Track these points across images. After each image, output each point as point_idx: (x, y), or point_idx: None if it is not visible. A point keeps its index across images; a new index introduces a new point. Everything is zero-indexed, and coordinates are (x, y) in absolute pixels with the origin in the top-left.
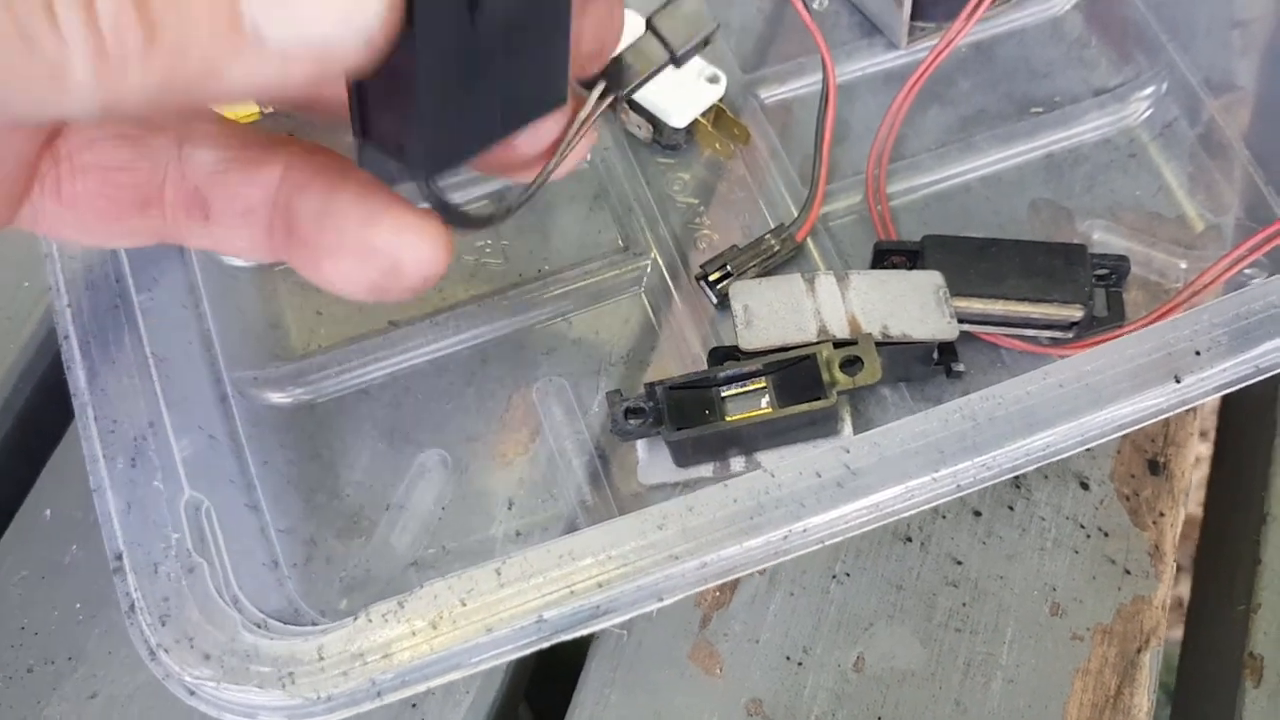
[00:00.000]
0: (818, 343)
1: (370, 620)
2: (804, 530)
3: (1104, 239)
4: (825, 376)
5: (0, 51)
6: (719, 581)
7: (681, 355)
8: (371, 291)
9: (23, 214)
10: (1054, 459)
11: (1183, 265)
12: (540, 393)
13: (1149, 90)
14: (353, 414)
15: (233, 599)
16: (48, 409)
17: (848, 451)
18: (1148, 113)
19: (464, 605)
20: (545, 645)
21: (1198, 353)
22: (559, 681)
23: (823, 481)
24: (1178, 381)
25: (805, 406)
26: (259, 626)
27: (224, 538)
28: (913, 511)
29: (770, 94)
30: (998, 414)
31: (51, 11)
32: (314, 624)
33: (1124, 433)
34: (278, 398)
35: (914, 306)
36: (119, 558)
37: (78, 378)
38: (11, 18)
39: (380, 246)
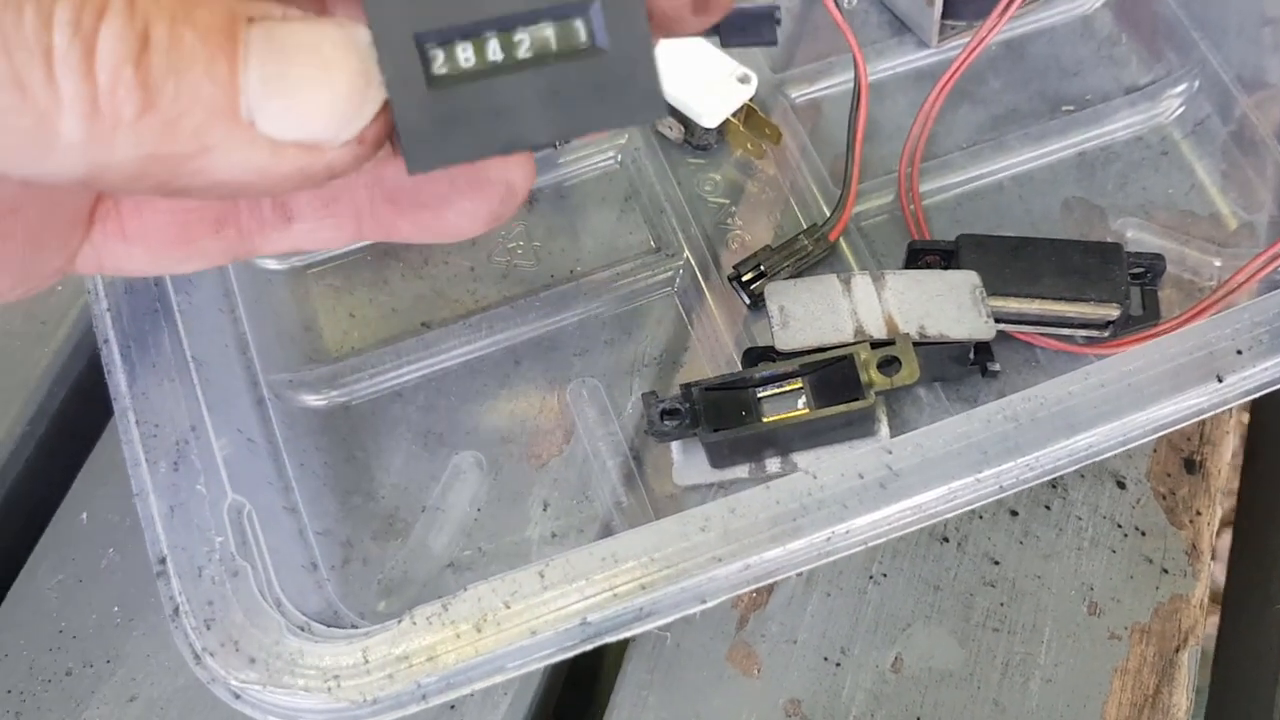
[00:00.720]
0: (854, 343)
1: (414, 623)
2: (846, 532)
3: (1137, 237)
4: (863, 377)
5: None
6: (761, 584)
7: (714, 356)
8: (492, 222)
9: (83, 258)
10: (1095, 459)
11: (1217, 263)
12: (573, 394)
13: (1181, 88)
14: (387, 416)
15: (275, 602)
16: (83, 412)
17: (890, 452)
18: (1180, 110)
19: (508, 608)
20: (588, 648)
21: (1239, 351)
22: (579, 687)
23: (865, 483)
24: (1220, 381)
25: (843, 407)
26: (302, 630)
27: (265, 541)
28: (955, 513)
29: (800, 93)
30: (1040, 414)
31: (50, 59)
32: (354, 626)
33: (1166, 432)
34: (313, 400)
35: (950, 306)
36: (163, 561)
37: (119, 381)
38: (8, 62)
39: (493, 176)
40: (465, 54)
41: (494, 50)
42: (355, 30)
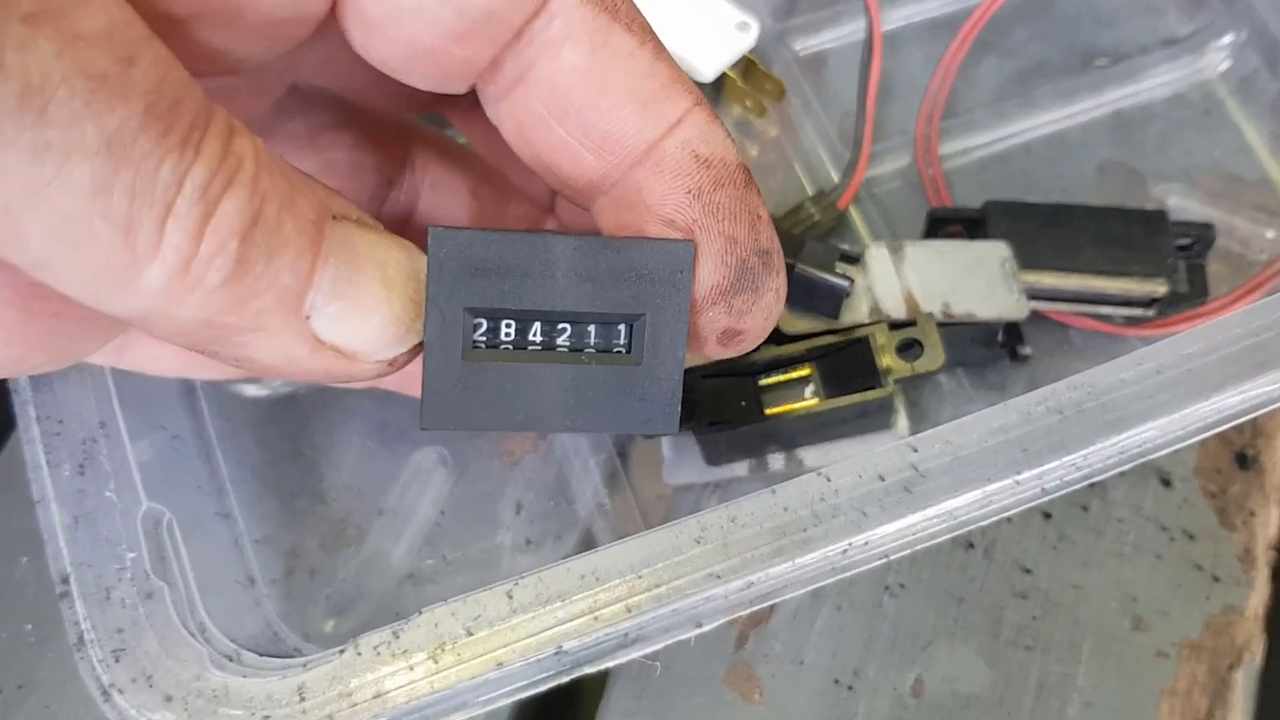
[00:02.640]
0: (870, 324)
1: (360, 653)
2: (865, 543)
3: (1180, 205)
4: (880, 362)
5: (97, 226)
6: (766, 604)
7: None
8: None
9: (106, 350)
10: (1150, 457)
11: (1269, 234)
12: None
13: (1226, 39)
14: (339, 407)
15: (199, 627)
16: None
17: (915, 450)
18: (1224, 64)
19: (470, 635)
20: (565, 680)
21: None
22: (553, 714)
23: (887, 486)
24: None
25: (858, 397)
26: (230, 660)
27: (189, 554)
28: (991, 520)
29: (805, 45)
30: (1087, 405)
31: (167, 214)
32: (297, 650)
33: (1231, 425)
34: (253, 390)
35: (978, 282)
36: (65, 581)
37: None
38: (128, 205)
39: None
40: (507, 331)
41: (535, 333)
42: (417, 259)
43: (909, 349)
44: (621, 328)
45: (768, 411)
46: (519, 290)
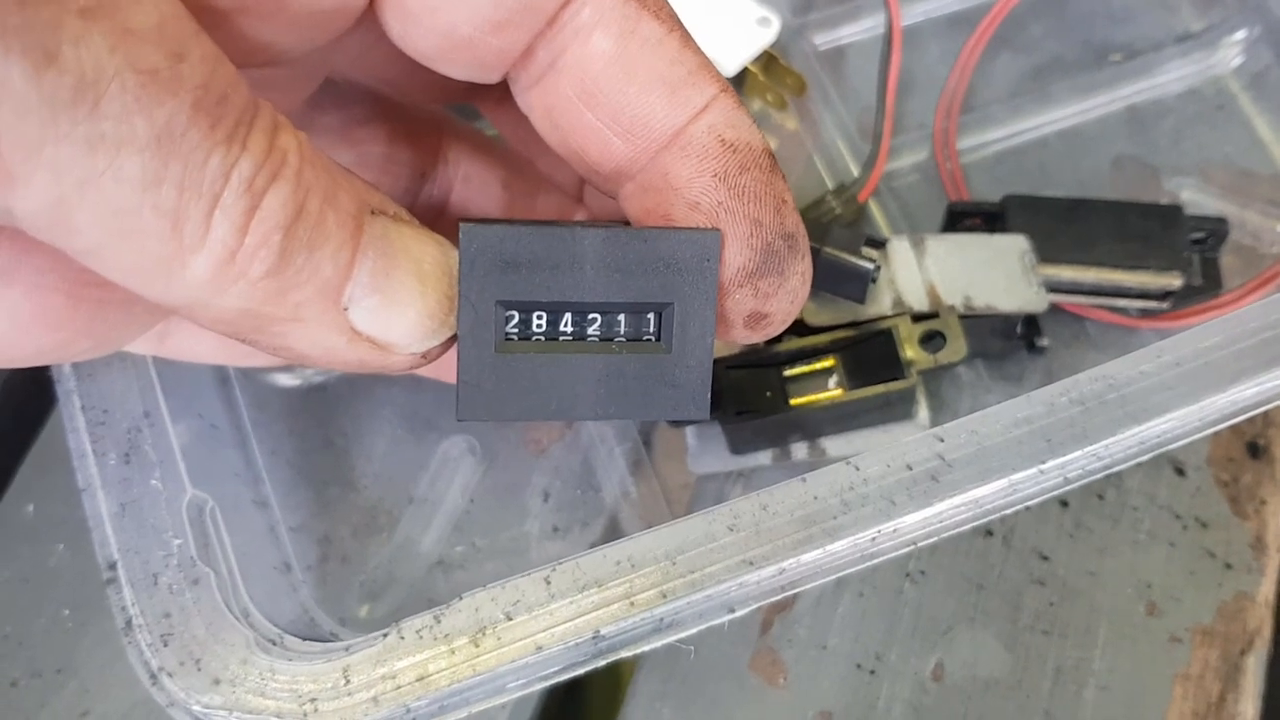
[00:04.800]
0: (893, 316)
1: (403, 637)
2: (894, 530)
3: (1193, 199)
4: (903, 354)
5: (147, 217)
6: (797, 590)
7: None
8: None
9: (146, 338)
10: (1169, 447)
11: None
12: None
13: (1239, 35)
14: (369, 397)
15: (243, 612)
16: (27, 394)
17: (941, 440)
18: (1237, 60)
19: (509, 619)
20: (600, 664)
21: None
22: (579, 696)
23: (914, 475)
24: None
25: (881, 388)
26: (274, 643)
27: (231, 541)
28: (1015, 509)
29: (825, 39)
30: (1109, 397)
31: (214, 206)
32: (333, 635)
33: (1249, 416)
34: (286, 379)
35: (998, 275)
36: (113, 567)
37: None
38: (177, 197)
39: None
40: (539, 323)
41: (565, 324)
42: (451, 254)
43: (931, 340)
44: (651, 316)
45: (793, 402)
46: (549, 282)
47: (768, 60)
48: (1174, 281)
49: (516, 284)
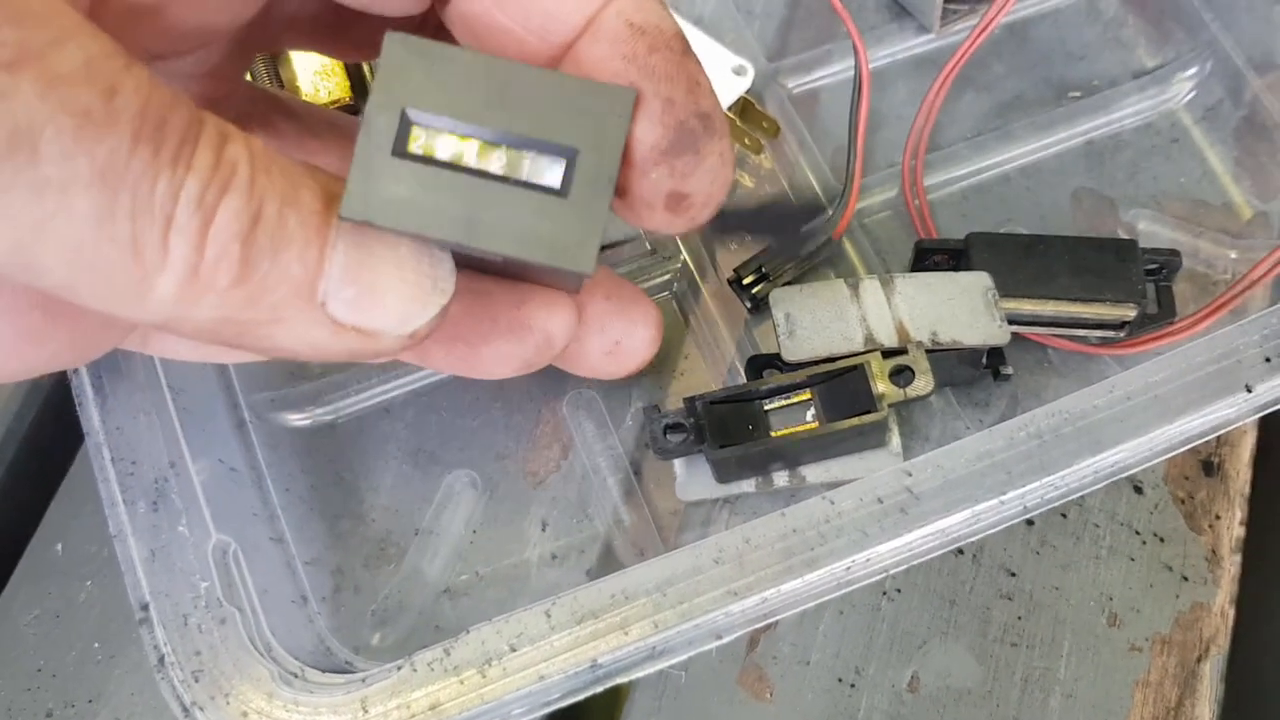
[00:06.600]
0: (865, 352)
1: (415, 669)
2: (867, 560)
3: (1149, 229)
4: (875, 389)
5: (106, 249)
6: (779, 616)
7: (715, 361)
8: (523, 368)
9: (131, 339)
10: (1120, 475)
11: (1232, 255)
12: (570, 406)
13: (1191, 71)
14: (375, 434)
15: (266, 647)
16: (54, 436)
17: (909, 474)
18: (1190, 95)
19: (514, 651)
20: (598, 689)
21: (1268, 359)
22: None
23: (885, 508)
24: (1249, 391)
25: (856, 420)
26: (295, 676)
27: (252, 579)
28: (979, 536)
29: (797, 83)
30: (1064, 430)
31: (169, 227)
32: (348, 663)
33: (1193, 445)
34: (296, 419)
35: (963, 310)
36: (145, 608)
37: (91, 415)
38: (130, 226)
39: (535, 324)
40: (445, 145)
41: (470, 150)
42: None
43: (901, 374)
44: (557, 160)
45: (774, 434)
46: (462, 106)
47: (744, 105)
48: (1129, 313)
49: (428, 98)
